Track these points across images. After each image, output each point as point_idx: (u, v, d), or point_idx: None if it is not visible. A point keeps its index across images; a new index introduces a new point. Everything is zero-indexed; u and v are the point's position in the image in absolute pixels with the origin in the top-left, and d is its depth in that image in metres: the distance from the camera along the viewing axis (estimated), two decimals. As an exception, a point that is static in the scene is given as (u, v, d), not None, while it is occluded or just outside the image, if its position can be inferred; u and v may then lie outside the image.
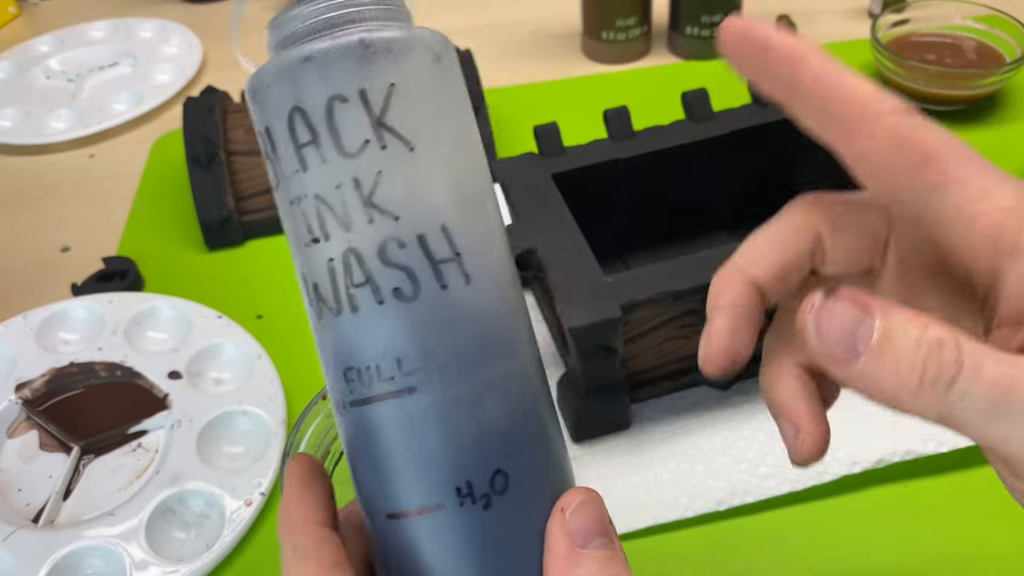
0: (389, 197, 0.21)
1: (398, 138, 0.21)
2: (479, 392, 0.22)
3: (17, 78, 0.93)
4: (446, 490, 0.22)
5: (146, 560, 0.46)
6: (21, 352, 0.58)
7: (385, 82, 0.21)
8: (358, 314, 0.22)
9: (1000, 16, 0.77)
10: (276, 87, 0.22)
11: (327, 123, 0.21)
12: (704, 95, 0.56)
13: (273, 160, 0.22)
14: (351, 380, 0.22)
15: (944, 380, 0.17)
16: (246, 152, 0.68)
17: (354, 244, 0.21)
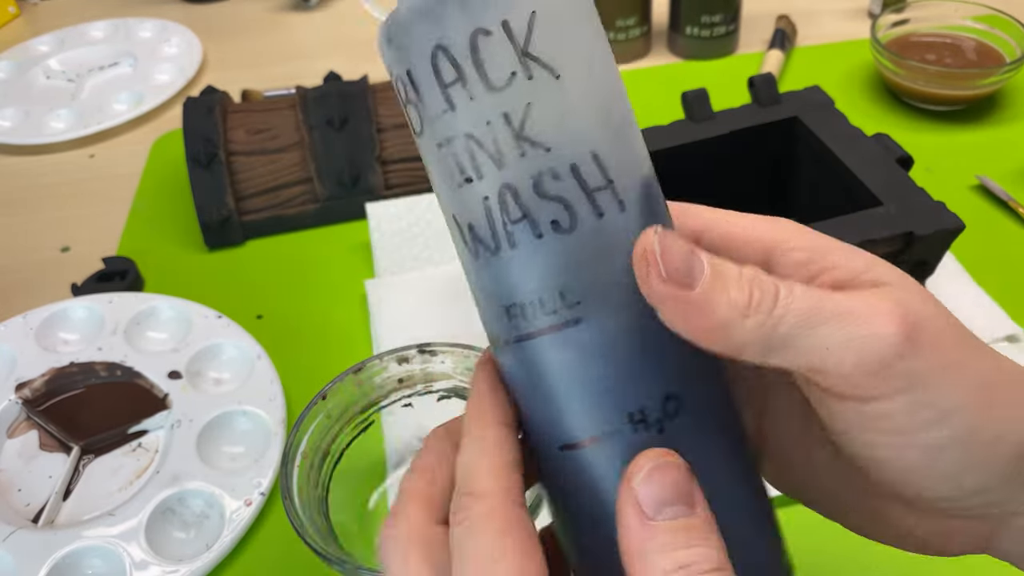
0: (540, 129, 0.21)
1: (544, 67, 0.21)
2: (644, 317, 0.22)
3: (17, 78, 0.93)
4: (619, 417, 0.22)
5: (146, 560, 0.46)
6: (21, 352, 0.58)
7: (526, 11, 0.21)
8: (517, 249, 0.22)
9: (1000, 16, 0.77)
10: (416, 27, 0.21)
11: (472, 59, 0.21)
12: (704, 95, 0.56)
13: (416, 105, 0.22)
14: (514, 316, 0.22)
15: (768, 301, 0.20)
16: (246, 152, 0.68)
17: (508, 180, 0.21)
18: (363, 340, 0.60)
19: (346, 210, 0.69)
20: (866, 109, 0.78)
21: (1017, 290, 0.58)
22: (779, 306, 0.20)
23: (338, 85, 0.71)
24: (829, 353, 0.20)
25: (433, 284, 0.61)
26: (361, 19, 1.01)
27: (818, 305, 0.20)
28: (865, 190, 0.51)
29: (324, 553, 0.38)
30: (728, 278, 0.21)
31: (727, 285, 0.20)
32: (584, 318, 0.22)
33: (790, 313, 0.20)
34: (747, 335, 0.20)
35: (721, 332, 0.20)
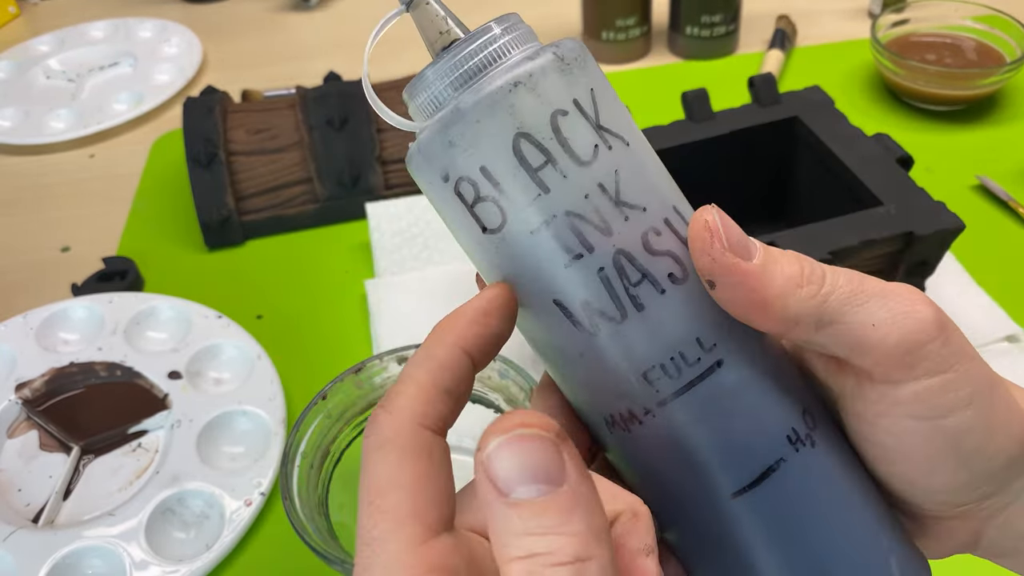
0: (632, 192, 0.22)
1: (615, 136, 0.22)
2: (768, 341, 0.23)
3: (17, 78, 0.93)
4: (782, 443, 0.22)
5: (146, 560, 0.46)
6: (21, 352, 0.58)
7: (587, 87, 0.22)
8: (645, 311, 0.22)
9: (1000, 16, 0.77)
10: (488, 119, 0.21)
11: (557, 139, 0.21)
12: (704, 95, 0.56)
13: (496, 197, 0.21)
14: (654, 380, 0.22)
15: (818, 276, 0.22)
16: (246, 152, 0.68)
17: (620, 245, 0.22)
18: (363, 340, 0.60)
19: (346, 210, 0.69)
20: (866, 109, 0.78)
21: (1017, 290, 0.58)
22: (827, 283, 0.22)
23: (338, 85, 0.71)
24: (875, 329, 0.21)
25: (433, 284, 0.61)
26: (361, 19, 1.01)
27: (861, 286, 0.22)
28: (865, 190, 0.51)
29: (324, 553, 0.38)
30: (777, 255, 0.22)
31: (779, 260, 0.22)
32: (724, 359, 0.22)
33: (838, 289, 0.22)
34: (801, 307, 0.21)
35: (779, 303, 0.21)
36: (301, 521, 0.39)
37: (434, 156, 0.22)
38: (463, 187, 0.22)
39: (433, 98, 0.22)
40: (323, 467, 0.45)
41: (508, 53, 0.22)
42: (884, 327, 0.21)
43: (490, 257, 0.23)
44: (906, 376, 0.22)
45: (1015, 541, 0.25)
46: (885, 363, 0.22)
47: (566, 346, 0.23)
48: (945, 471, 0.23)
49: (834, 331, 0.22)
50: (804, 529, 0.23)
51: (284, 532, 0.49)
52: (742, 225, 0.22)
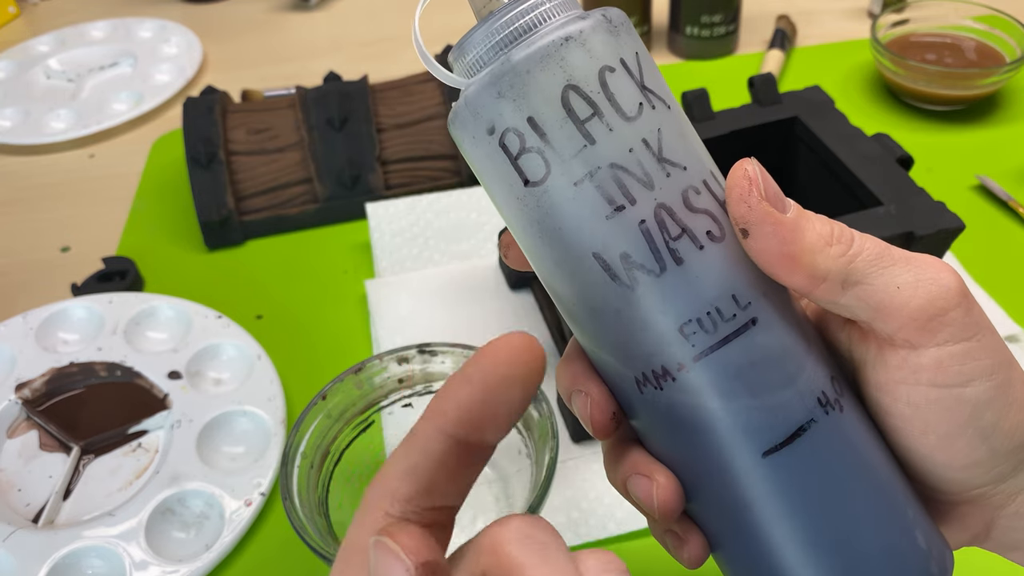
0: (673, 150, 0.23)
1: (658, 98, 0.23)
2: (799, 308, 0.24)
3: (17, 78, 0.93)
4: (812, 404, 0.23)
5: (146, 560, 0.46)
6: (21, 352, 0.58)
7: (632, 50, 0.23)
8: (684, 265, 0.22)
9: (1000, 16, 0.77)
10: (539, 71, 0.22)
11: (604, 93, 0.22)
12: (704, 95, 0.56)
13: (540, 150, 0.22)
14: (690, 334, 0.22)
15: (847, 237, 0.22)
16: (246, 152, 0.68)
17: (662, 199, 0.22)
18: (363, 340, 0.60)
19: (346, 210, 0.69)
20: (866, 109, 0.78)
21: (1017, 290, 0.58)
22: (855, 244, 0.22)
23: (338, 85, 0.71)
24: (899, 292, 0.22)
25: (433, 284, 0.61)
26: (361, 19, 1.01)
27: (888, 250, 0.22)
28: (865, 190, 0.51)
29: (324, 553, 0.38)
30: (810, 214, 0.23)
31: (811, 217, 0.22)
32: (759, 316, 0.23)
33: (865, 251, 0.22)
34: (830, 263, 0.22)
35: (808, 257, 0.22)
36: (301, 521, 0.39)
37: (481, 108, 0.22)
38: (509, 139, 0.22)
39: (481, 56, 0.23)
40: (323, 467, 0.45)
41: (555, 15, 0.23)
42: (908, 290, 0.22)
43: (529, 212, 0.23)
44: (928, 341, 0.22)
45: None
46: (908, 327, 0.22)
47: (602, 302, 0.23)
48: (964, 444, 0.23)
49: (859, 292, 0.22)
50: (832, 493, 0.23)
51: (284, 532, 0.49)
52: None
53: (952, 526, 0.25)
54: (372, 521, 0.20)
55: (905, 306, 0.22)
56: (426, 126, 0.70)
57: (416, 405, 0.48)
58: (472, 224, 0.66)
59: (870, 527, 0.23)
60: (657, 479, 0.23)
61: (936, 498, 0.25)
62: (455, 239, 0.65)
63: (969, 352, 0.22)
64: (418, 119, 0.70)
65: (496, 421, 0.20)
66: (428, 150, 0.70)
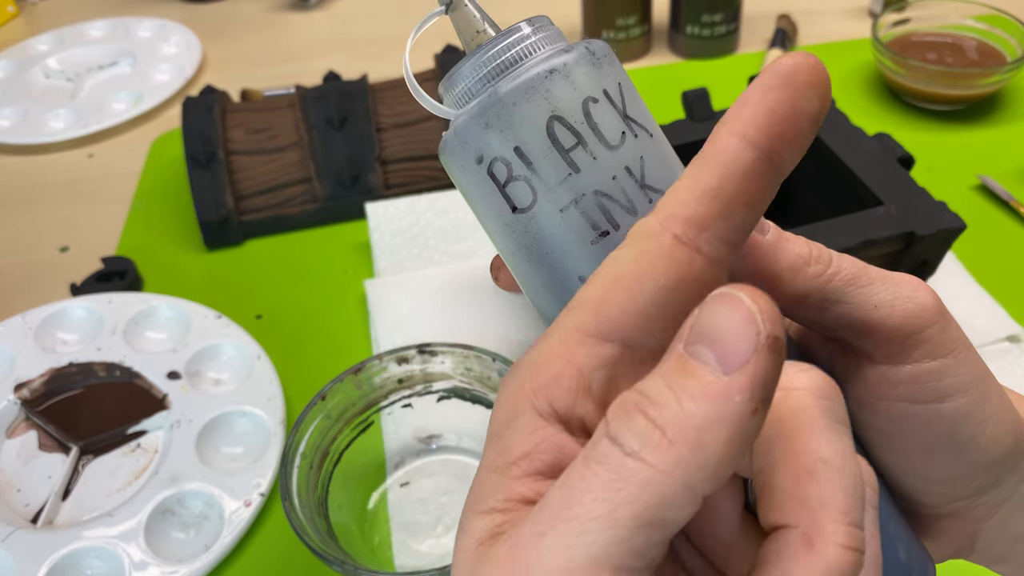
0: (655, 177, 0.23)
1: (640, 127, 0.24)
2: None
3: (16, 78, 0.92)
4: None
5: (145, 560, 0.46)
6: (20, 352, 0.58)
7: (615, 81, 0.24)
8: None
9: (1001, 16, 0.77)
10: (525, 103, 0.23)
11: (588, 123, 0.23)
12: (704, 95, 0.56)
13: (526, 178, 0.23)
14: None
15: (825, 256, 0.22)
16: (245, 152, 0.68)
17: None
18: (363, 340, 0.59)
19: (346, 210, 0.69)
20: (867, 109, 0.78)
21: (1017, 290, 0.58)
22: (833, 264, 0.23)
23: (338, 85, 0.71)
24: (876, 310, 0.22)
25: (433, 284, 0.61)
26: (361, 19, 1.01)
27: (865, 269, 0.23)
28: (866, 190, 0.50)
29: (324, 554, 0.38)
30: (788, 235, 0.23)
31: (790, 239, 0.23)
32: None
33: (842, 271, 0.23)
34: (809, 282, 0.22)
35: (789, 275, 0.22)
36: (300, 521, 0.39)
37: (470, 139, 0.23)
38: (496, 168, 0.23)
39: (469, 88, 0.24)
40: (322, 467, 0.45)
41: (541, 49, 0.24)
42: (886, 308, 0.22)
43: (517, 237, 0.24)
44: (905, 358, 0.22)
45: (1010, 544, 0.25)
46: (886, 344, 0.22)
47: None
48: (942, 458, 0.23)
49: (838, 310, 0.22)
50: None
51: (284, 532, 0.48)
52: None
53: (936, 540, 0.26)
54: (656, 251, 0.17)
55: (883, 324, 0.22)
56: (426, 126, 0.70)
57: (416, 405, 0.48)
58: (472, 224, 0.66)
59: None
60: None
61: (918, 511, 0.25)
62: (455, 239, 0.65)
63: (945, 368, 0.22)
64: (418, 119, 0.70)
65: (799, 133, 0.18)
66: (428, 150, 0.69)
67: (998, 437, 0.23)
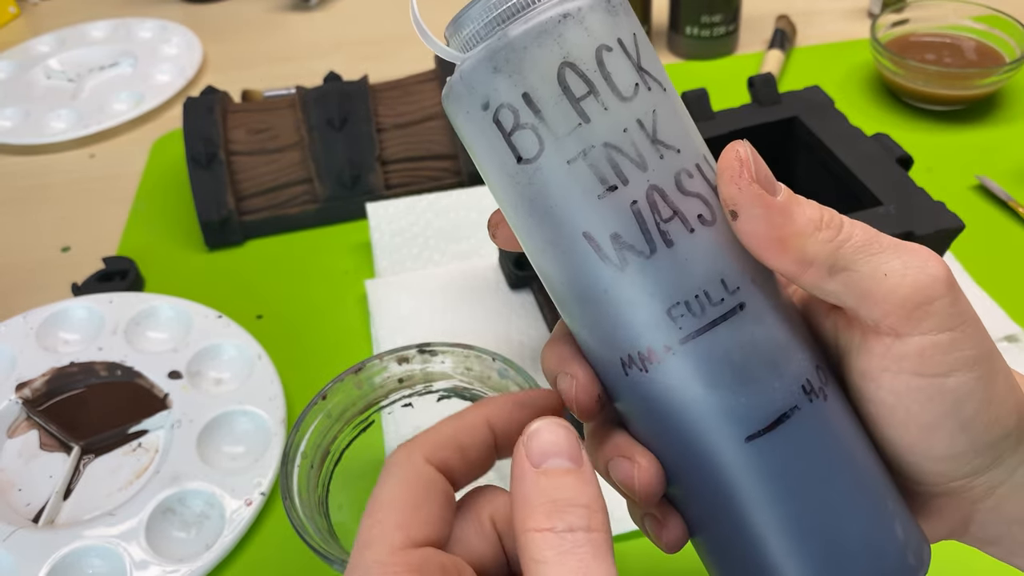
0: (668, 133, 0.22)
1: (655, 80, 0.23)
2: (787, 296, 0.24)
3: (17, 78, 0.93)
4: (796, 391, 0.23)
5: (146, 560, 0.46)
6: (21, 352, 0.58)
7: (630, 31, 0.23)
8: (674, 247, 0.22)
9: (1000, 16, 0.77)
10: (536, 47, 0.22)
11: (600, 72, 0.22)
12: (704, 95, 0.56)
13: (534, 127, 0.22)
14: (678, 316, 0.22)
15: (836, 222, 0.22)
16: (246, 152, 0.68)
17: (654, 181, 0.22)
18: (363, 340, 0.60)
19: (346, 210, 0.69)
20: (866, 109, 0.78)
21: (1017, 290, 0.58)
22: (844, 230, 0.22)
23: (338, 85, 0.71)
24: (886, 279, 0.22)
25: (433, 284, 0.61)
26: (361, 19, 1.01)
27: (876, 236, 0.22)
28: (865, 190, 0.51)
29: (324, 553, 0.38)
30: (800, 198, 0.23)
31: (802, 202, 0.22)
32: (747, 301, 0.23)
33: (854, 237, 0.22)
34: (818, 248, 0.22)
35: (797, 241, 0.22)
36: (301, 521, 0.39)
37: (477, 83, 0.22)
38: (503, 114, 0.22)
39: (478, 31, 0.23)
40: (323, 467, 0.45)
41: None
42: (895, 278, 0.22)
43: (520, 190, 0.23)
44: (912, 330, 0.22)
45: (1004, 526, 0.25)
46: (893, 314, 0.22)
47: (591, 283, 0.23)
48: (944, 435, 0.23)
49: (846, 278, 0.22)
50: (813, 481, 0.23)
51: (284, 532, 0.49)
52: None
53: (930, 519, 0.25)
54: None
55: (891, 293, 0.22)
56: (426, 126, 0.70)
57: (416, 405, 0.48)
58: (472, 224, 0.66)
59: (849, 516, 0.23)
60: (639, 461, 0.24)
61: (915, 490, 0.25)
62: (455, 239, 0.65)
63: (953, 342, 0.22)
64: (418, 119, 0.70)
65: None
66: (428, 150, 0.70)
67: (1001, 416, 0.23)
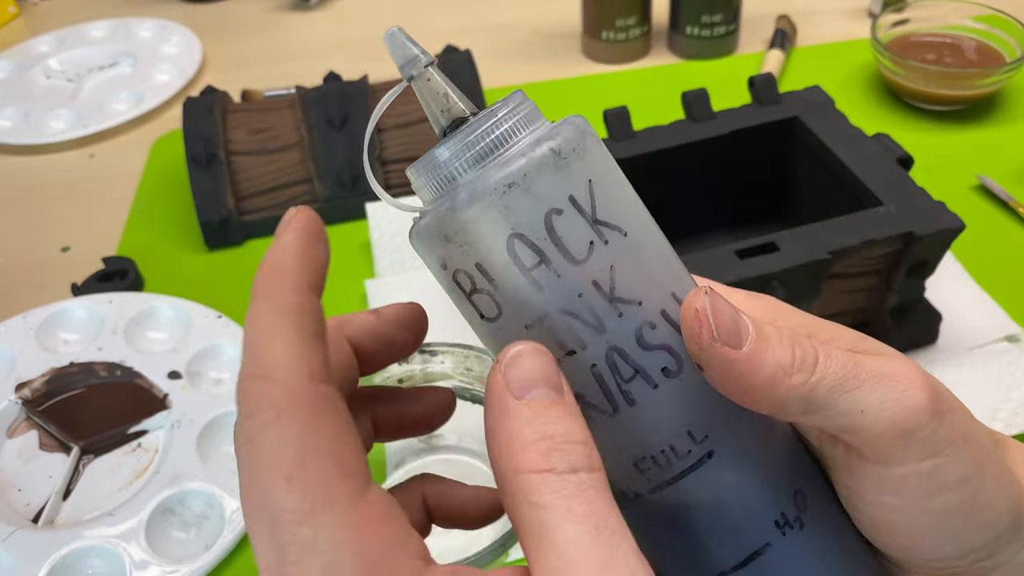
0: (627, 286, 0.22)
1: (613, 228, 0.22)
2: (764, 426, 0.23)
3: (17, 78, 0.93)
4: (768, 528, 0.23)
5: (146, 560, 0.46)
6: (21, 352, 0.58)
7: (584, 181, 0.22)
8: (637, 406, 0.22)
9: (1000, 16, 0.77)
10: (483, 221, 0.21)
11: (551, 239, 0.21)
12: (704, 95, 0.56)
13: (490, 293, 0.22)
14: (646, 470, 0.22)
15: (809, 360, 0.21)
16: (246, 152, 0.68)
17: (613, 342, 0.22)
18: (363, 340, 0.59)
19: (346, 210, 0.69)
20: (866, 109, 0.78)
21: (1017, 290, 0.58)
22: (818, 370, 0.21)
23: (338, 85, 0.71)
24: (864, 416, 0.21)
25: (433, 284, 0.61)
26: (361, 19, 1.01)
27: (855, 368, 0.21)
28: (865, 190, 0.51)
29: (324, 553, 0.38)
30: (771, 339, 0.21)
31: (771, 345, 0.21)
32: (716, 448, 0.22)
33: (829, 375, 0.21)
34: (790, 393, 0.21)
35: (767, 390, 0.21)
36: (301, 521, 0.39)
37: (432, 246, 0.22)
38: (460, 278, 0.22)
39: (434, 181, 0.22)
40: (323, 467, 0.45)
41: (509, 140, 0.22)
42: (873, 413, 0.21)
43: (488, 340, 0.23)
44: (895, 458, 0.22)
45: None
46: (874, 445, 0.22)
47: None
48: (931, 544, 0.23)
49: (823, 416, 0.22)
50: None
51: (284, 532, 0.49)
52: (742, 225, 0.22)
53: None
54: None
55: (870, 428, 0.21)
56: (426, 126, 0.70)
57: (416, 405, 0.48)
58: (472, 224, 0.66)
59: None
60: None
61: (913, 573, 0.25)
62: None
63: (936, 468, 0.22)
64: (418, 119, 0.70)
65: None
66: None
67: (991, 520, 0.22)
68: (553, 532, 0.18)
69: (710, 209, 0.59)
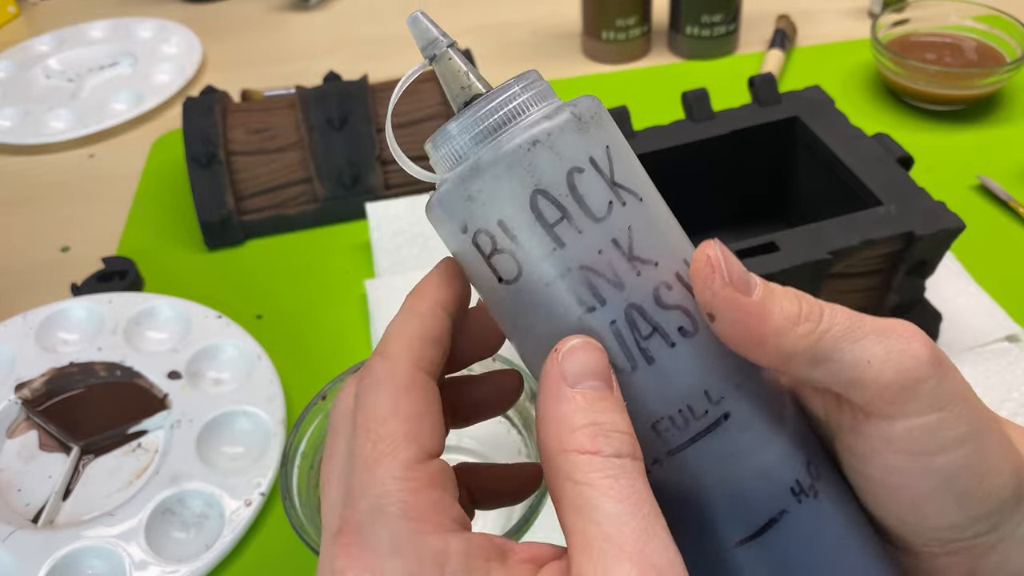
0: (644, 247, 0.23)
1: (629, 192, 0.23)
2: (776, 393, 0.24)
3: (17, 78, 0.93)
4: (785, 495, 0.23)
5: (146, 560, 0.46)
6: (21, 352, 0.58)
7: (602, 145, 0.23)
8: (655, 364, 0.22)
9: (1000, 16, 0.77)
10: (507, 177, 0.22)
11: (572, 196, 0.22)
12: (704, 95, 0.56)
13: (511, 252, 0.22)
14: (663, 431, 0.23)
15: (815, 313, 0.22)
16: (246, 152, 0.68)
17: (632, 299, 0.22)
18: (363, 340, 0.60)
19: (346, 210, 0.69)
20: (866, 109, 0.78)
21: (1017, 290, 0.58)
22: (824, 320, 0.22)
23: (338, 85, 0.71)
24: (870, 366, 0.22)
25: (433, 284, 0.61)
26: (361, 19, 1.01)
27: (859, 322, 0.22)
28: (865, 190, 0.51)
29: (324, 553, 0.38)
30: (778, 292, 0.23)
31: (778, 297, 0.22)
32: (733, 410, 0.23)
33: (835, 325, 0.22)
34: (798, 343, 0.22)
35: (774, 339, 0.22)
36: (301, 521, 0.39)
37: (453, 208, 0.23)
38: (481, 239, 0.23)
39: (454, 151, 0.23)
40: (323, 467, 0.45)
41: (527, 110, 0.23)
42: (879, 363, 0.22)
43: (504, 306, 0.23)
44: (900, 412, 0.22)
45: None
46: (880, 399, 0.22)
47: None
48: (936, 510, 0.23)
49: (829, 367, 0.22)
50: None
51: (284, 532, 0.49)
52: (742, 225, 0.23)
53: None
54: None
55: (876, 380, 0.22)
56: (426, 126, 0.70)
57: (416, 405, 0.48)
58: (472, 224, 0.66)
59: None
60: None
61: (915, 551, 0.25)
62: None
63: (941, 422, 0.22)
64: (418, 119, 0.70)
65: None
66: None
67: (995, 488, 0.23)
68: (594, 509, 0.20)
69: (710, 209, 0.59)
